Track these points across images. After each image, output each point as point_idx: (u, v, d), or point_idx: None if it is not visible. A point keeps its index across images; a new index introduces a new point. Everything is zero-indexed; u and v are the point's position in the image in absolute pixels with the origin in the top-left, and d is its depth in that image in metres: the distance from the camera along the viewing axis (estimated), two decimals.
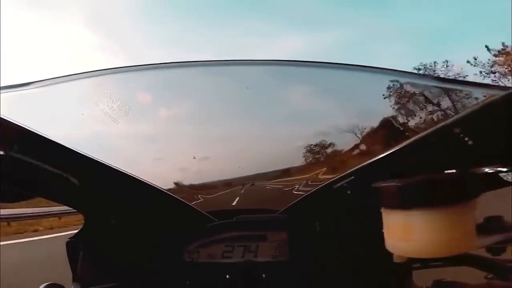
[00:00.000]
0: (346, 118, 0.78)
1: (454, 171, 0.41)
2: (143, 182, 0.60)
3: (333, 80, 0.72)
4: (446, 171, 0.41)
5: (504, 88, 0.45)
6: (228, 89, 0.78)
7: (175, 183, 0.79)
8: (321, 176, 0.81)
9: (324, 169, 0.82)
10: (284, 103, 0.83)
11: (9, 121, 0.44)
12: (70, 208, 0.73)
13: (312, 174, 0.83)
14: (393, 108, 0.70)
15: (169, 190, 0.68)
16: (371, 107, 0.74)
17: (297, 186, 0.80)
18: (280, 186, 0.86)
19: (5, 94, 0.47)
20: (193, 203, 0.73)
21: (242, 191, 0.89)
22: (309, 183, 0.81)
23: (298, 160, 0.85)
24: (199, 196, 0.83)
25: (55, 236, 5.28)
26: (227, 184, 0.91)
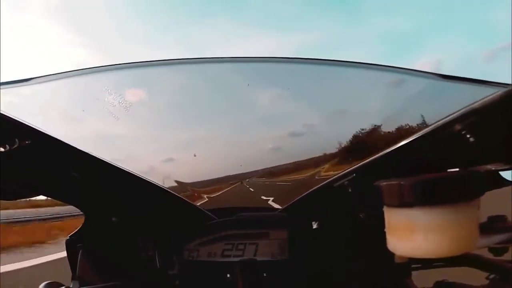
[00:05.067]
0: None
1: (457, 169, 0.41)
2: (144, 179, 0.60)
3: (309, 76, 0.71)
4: (449, 170, 0.41)
5: (506, 85, 0.44)
6: (199, 87, 0.77)
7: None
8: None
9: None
10: (256, 102, 0.81)
11: (9, 117, 0.43)
12: (72, 211, 0.73)
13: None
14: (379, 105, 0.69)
15: None
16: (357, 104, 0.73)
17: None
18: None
19: (5, 90, 0.47)
20: None
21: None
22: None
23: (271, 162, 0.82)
24: None
25: None
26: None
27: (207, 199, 0.79)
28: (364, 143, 0.66)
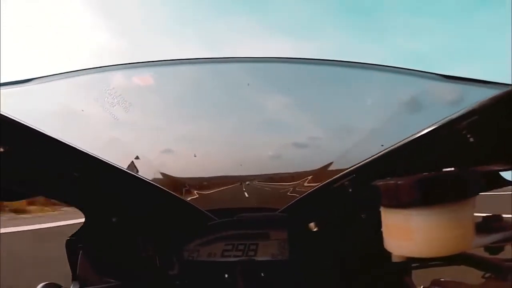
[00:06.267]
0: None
1: (452, 169, 0.41)
2: (144, 180, 0.60)
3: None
4: (444, 170, 0.41)
5: (506, 85, 0.45)
6: (207, 86, 0.77)
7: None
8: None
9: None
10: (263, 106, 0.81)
11: (9, 118, 0.43)
12: None
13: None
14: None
15: None
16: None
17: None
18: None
19: (6, 91, 0.47)
20: None
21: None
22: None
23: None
24: None
25: None
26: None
27: (197, 195, 0.80)
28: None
